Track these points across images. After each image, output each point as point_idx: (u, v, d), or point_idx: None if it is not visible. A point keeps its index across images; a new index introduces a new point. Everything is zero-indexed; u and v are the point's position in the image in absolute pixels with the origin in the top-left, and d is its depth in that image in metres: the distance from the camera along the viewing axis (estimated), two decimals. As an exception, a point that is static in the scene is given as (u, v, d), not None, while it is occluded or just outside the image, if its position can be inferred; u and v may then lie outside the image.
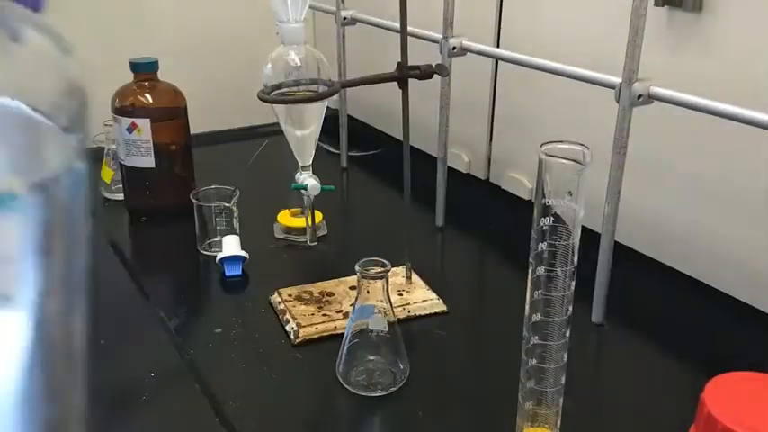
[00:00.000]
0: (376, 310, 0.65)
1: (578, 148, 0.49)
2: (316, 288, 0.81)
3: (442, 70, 0.77)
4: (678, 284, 0.83)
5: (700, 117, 0.66)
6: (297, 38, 0.75)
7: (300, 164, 0.81)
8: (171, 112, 0.99)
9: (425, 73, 0.75)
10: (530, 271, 0.53)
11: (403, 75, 0.74)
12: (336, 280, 0.83)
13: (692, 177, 0.80)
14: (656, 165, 0.83)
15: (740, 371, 0.49)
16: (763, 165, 0.73)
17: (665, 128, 0.80)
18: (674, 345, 0.74)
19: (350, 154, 1.24)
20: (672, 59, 0.78)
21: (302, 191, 0.80)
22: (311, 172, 0.81)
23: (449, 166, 0.98)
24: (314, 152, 0.81)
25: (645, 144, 0.78)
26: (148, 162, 0.97)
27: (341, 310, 0.77)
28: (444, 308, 0.79)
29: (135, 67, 0.97)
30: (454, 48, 0.90)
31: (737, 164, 0.76)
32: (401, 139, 0.78)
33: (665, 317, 0.80)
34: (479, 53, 0.90)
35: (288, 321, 0.75)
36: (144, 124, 0.95)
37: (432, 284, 0.82)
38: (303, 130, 0.79)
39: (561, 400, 0.57)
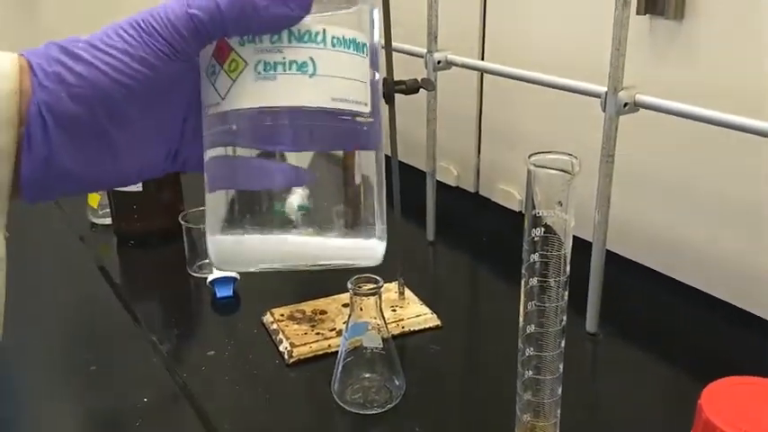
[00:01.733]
0: (370, 327, 0.65)
1: (567, 158, 0.50)
2: (308, 307, 0.81)
3: (428, 84, 0.77)
4: (671, 291, 0.83)
5: (685, 123, 0.67)
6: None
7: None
8: (157, 135, 0.99)
9: (411, 88, 0.75)
10: (522, 282, 0.53)
11: (389, 90, 0.74)
12: (329, 298, 0.82)
13: (682, 183, 0.81)
14: (644, 172, 0.84)
15: (736, 375, 0.49)
16: (750, 168, 0.74)
17: (651, 135, 0.80)
18: (670, 351, 0.74)
19: (338, 171, 1.23)
20: (655, 67, 0.79)
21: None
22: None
23: (438, 180, 0.98)
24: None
25: (633, 151, 0.78)
26: (135, 185, 0.96)
27: (334, 329, 0.76)
28: (438, 322, 0.79)
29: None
30: (439, 62, 0.90)
31: (726, 168, 0.76)
32: (389, 154, 0.78)
33: (660, 323, 0.80)
34: (464, 66, 0.90)
35: (281, 341, 0.75)
36: (131, 147, 0.95)
37: (425, 299, 0.82)
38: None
39: (559, 410, 0.56)
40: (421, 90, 0.76)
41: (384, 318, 0.65)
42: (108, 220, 1.03)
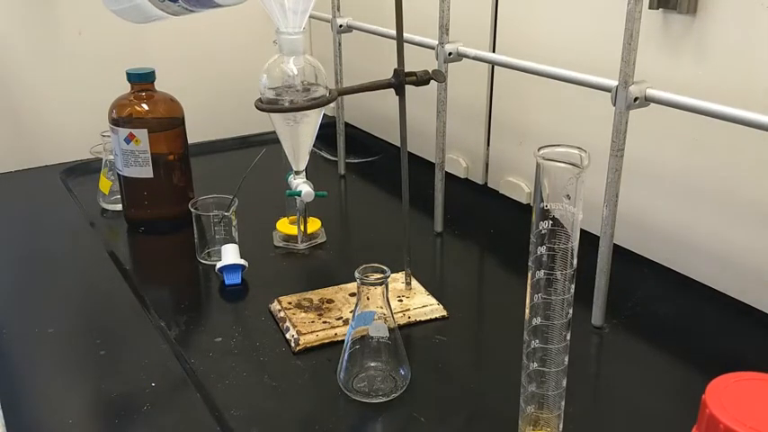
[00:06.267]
0: (376, 317, 0.65)
1: (575, 151, 0.50)
2: (315, 295, 0.81)
3: (439, 76, 0.77)
4: (677, 285, 0.83)
5: (696, 118, 0.67)
6: (296, 48, 0.74)
7: (294, 169, 0.81)
8: (168, 122, 0.99)
9: (422, 79, 0.75)
10: (529, 275, 0.53)
11: (400, 81, 0.74)
12: (336, 287, 0.83)
13: (690, 178, 0.81)
14: (653, 166, 0.83)
15: (741, 371, 0.49)
16: (760, 165, 0.73)
17: (661, 129, 0.80)
18: (675, 346, 0.74)
19: (347, 161, 1.24)
20: (667, 62, 0.78)
21: (296, 197, 0.80)
22: (305, 177, 0.82)
23: (447, 172, 0.98)
24: (308, 158, 0.81)
25: (642, 145, 0.78)
26: (146, 172, 0.97)
27: (341, 317, 0.77)
28: (444, 313, 0.79)
29: (132, 77, 0.98)
30: (450, 53, 0.90)
31: (734, 164, 0.76)
32: (399, 145, 0.79)
33: (665, 318, 0.80)
34: (475, 58, 0.90)
35: (288, 329, 0.75)
36: (142, 135, 0.95)
37: (431, 290, 0.82)
38: (299, 136, 0.79)
39: (563, 403, 0.57)
40: (431, 81, 0.76)
41: (390, 307, 0.66)
42: (119, 206, 1.04)
